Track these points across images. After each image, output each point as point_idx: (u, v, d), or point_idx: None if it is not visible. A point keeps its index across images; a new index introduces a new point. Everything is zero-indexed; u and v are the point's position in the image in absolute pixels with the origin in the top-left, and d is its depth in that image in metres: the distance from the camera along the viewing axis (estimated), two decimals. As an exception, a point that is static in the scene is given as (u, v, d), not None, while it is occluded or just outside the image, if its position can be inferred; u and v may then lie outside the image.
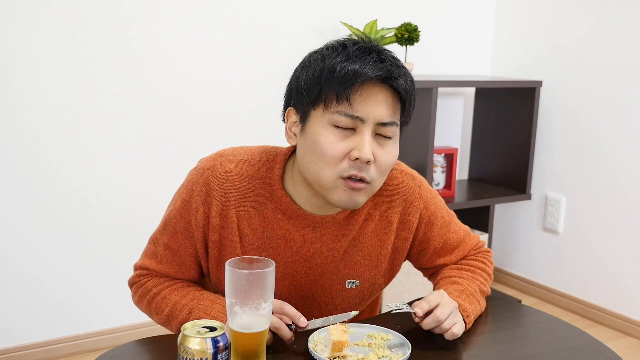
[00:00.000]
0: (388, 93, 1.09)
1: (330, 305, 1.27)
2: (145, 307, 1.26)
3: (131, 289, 1.30)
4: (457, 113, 3.33)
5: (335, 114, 1.08)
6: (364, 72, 1.05)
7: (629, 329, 2.83)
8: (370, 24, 2.65)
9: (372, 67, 1.06)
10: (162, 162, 2.52)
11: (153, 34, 2.42)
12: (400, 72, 1.09)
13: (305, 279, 1.23)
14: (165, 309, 1.20)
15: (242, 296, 0.96)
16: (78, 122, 2.35)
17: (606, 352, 1.22)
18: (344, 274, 1.25)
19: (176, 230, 1.22)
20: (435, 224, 1.30)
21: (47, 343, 2.43)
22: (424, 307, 1.16)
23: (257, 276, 0.96)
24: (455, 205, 2.83)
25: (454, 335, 1.16)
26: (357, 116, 1.07)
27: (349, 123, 1.08)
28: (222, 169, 1.19)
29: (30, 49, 2.22)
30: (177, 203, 1.23)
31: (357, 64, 1.06)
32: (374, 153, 1.09)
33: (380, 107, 1.09)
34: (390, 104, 1.10)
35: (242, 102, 2.63)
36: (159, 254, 1.25)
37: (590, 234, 2.97)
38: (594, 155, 2.92)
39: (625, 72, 2.77)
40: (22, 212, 2.32)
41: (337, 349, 1.08)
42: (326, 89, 1.07)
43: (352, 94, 1.06)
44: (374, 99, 1.08)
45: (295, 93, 1.15)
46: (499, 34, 3.33)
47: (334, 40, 1.15)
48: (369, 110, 1.08)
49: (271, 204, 1.19)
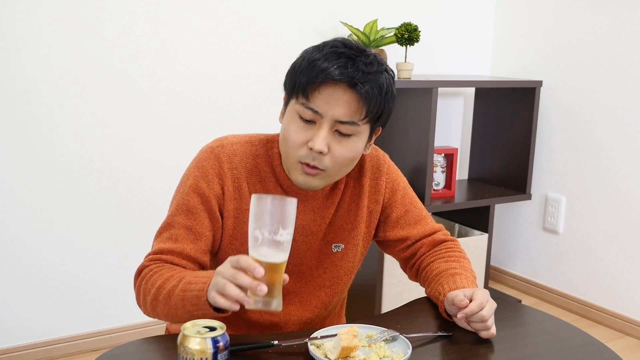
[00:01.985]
0: (352, 95, 1.18)
1: (320, 269, 1.36)
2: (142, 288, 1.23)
3: (137, 278, 1.26)
4: (457, 113, 3.34)
5: (300, 106, 1.20)
6: (326, 74, 1.17)
7: (629, 329, 2.83)
8: (370, 24, 2.65)
9: (336, 70, 1.17)
10: (165, 169, 2.52)
11: (157, 30, 2.43)
12: (365, 79, 1.17)
13: (302, 246, 1.33)
14: (157, 282, 1.18)
15: (262, 220, 1.01)
16: (82, 120, 2.36)
17: (606, 352, 1.22)
18: (329, 238, 1.36)
19: (190, 208, 1.26)
20: (397, 191, 1.41)
21: (47, 343, 2.43)
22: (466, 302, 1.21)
23: (278, 202, 1.02)
24: (455, 205, 2.83)
25: (492, 335, 1.22)
26: (317, 111, 1.19)
27: (311, 116, 1.20)
28: (230, 147, 1.30)
29: (36, 39, 2.23)
30: (189, 181, 1.28)
31: (325, 64, 1.17)
32: (330, 146, 1.20)
33: (339, 106, 1.18)
34: (352, 105, 1.19)
35: (242, 94, 2.64)
36: (174, 234, 1.26)
37: (590, 234, 2.97)
38: (594, 155, 2.92)
39: (625, 72, 2.77)
40: (22, 212, 2.32)
41: (346, 353, 1.08)
42: (297, 82, 1.20)
43: (313, 91, 1.18)
44: (334, 99, 1.18)
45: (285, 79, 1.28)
46: (499, 34, 3.33)
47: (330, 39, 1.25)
48: (327, 108, 1.18)
49: (272, 179, 1.31)
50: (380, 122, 1.26)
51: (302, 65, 1.20)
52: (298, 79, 1.20)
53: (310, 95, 1.18)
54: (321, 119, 1.19)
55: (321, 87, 1.18)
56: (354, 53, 1.19)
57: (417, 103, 2.66)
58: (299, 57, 1.24)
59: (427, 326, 1.27)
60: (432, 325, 1.28)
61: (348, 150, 1.22)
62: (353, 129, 1.21)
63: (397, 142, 2.77)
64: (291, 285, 1.34)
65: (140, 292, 1.23)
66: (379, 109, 1.21)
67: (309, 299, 1.36)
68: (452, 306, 1.25)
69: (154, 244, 1.29)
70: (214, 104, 2.60)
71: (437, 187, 2.90)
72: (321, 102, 1.18)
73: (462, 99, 3.34)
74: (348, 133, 1.21)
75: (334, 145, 1.20)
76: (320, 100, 1.18)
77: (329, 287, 1.38)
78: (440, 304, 1.30)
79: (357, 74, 1.17)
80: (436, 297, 1.32)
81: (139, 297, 1.25)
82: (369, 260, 2.65)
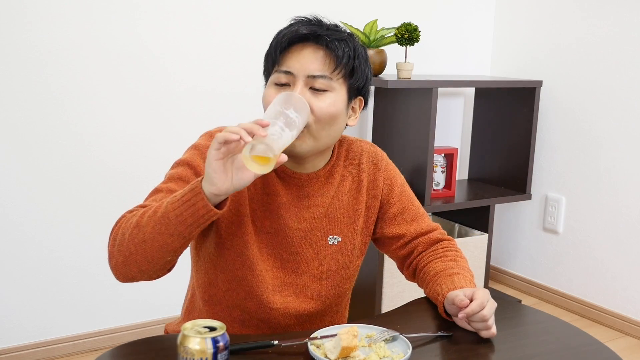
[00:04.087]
0: (321, 51, 1.24)
1: (315, 260, 1.36)
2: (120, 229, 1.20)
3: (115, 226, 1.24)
4: (457, 113, 3.34)
5: (274, 74, 1.26)
6: (293, 32, 1.24)
7: (629, 329, 2.83)
8: (370, 24, 2.65)
9: (302, 28, 1.24)
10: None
11: (163, 27, 2.43)
12: (331, 35, 1.24)
13: (296, 234, 1.33)
14: (136, 217, 1.17)
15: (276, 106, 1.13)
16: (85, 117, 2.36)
17: (606, 352, 1.22)
18: (326, 230, 1.36)
19: (182, 177, 1.25)
20: (395, 187, 1.42)
21: (47, 343, 2.43)
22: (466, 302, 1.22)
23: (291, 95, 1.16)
24: (455, 205, 2.83)
25: (493, 335, 1.22)
26: (288, 71, 1.23)
27: (285, 79, 1.24)
28: None
29: (42, 37, 2.23)
30: (184, 156, 1.28)
31: (292, 28, 1.26)
32: (308, 101, 1.22)
33: (309, 61, 1.23)
34: (321, 60, 1.23)
35: (242, 95, 2.65)
36: (159, 198, 1.23)
37: (590, 234, 2.97)
38: (594, 155, 2.92)
39: (625, 72, 2.77)
40: (22, 212, 2.32)
41: (346, 353, 1.08)
42: (268, 53, 1.27)
43: (284, 52, 1.24)
44: (303, 56, 1.23)
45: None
46: (499, 34, 3.33)
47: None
48: (299, 66, 1.23)
49: None
50: (355, 81, 1.28)
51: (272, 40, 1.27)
52: (269, 51, 1.26)
53: (281, 59, 1.24)
54: (294, 78, 1.23)
55: (290, 48, 1.24)
56: (321, 21, 1.28)
57: (417, 103, 2.66)
58: None
59: (427, 326, 1.27)
60: (432, 325, 1.28)
61: (327, 104, 1.24)
62: (327, 84, 1.24)
63: (397, 142, 2.77)
64: (287, 276, 1.34)
65: (118, 233, 1.20)
66: (348, 63, 1.25)
67: (304, 290, 1.36)
68: (452, 306, 1.25)
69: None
70: (217, 104, 2.60)
71: (437, 187, 2.90)
72: (292, 61, 1.23)
73: (462, 99, 3.34)
74: (323, 88, 1.23)
75: (312, 100, 1.23)
76: (291, 60, 1.23)
77: (325, 280, 1.37)
78: (439, 304, 1.30)
79: (322, 31, 1.24)
80: (435, 297, 1.32)
81: (114, 241, 1.21)
82: (369, 260, 2.65)
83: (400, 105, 2.76)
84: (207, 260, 1.36)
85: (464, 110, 3.35)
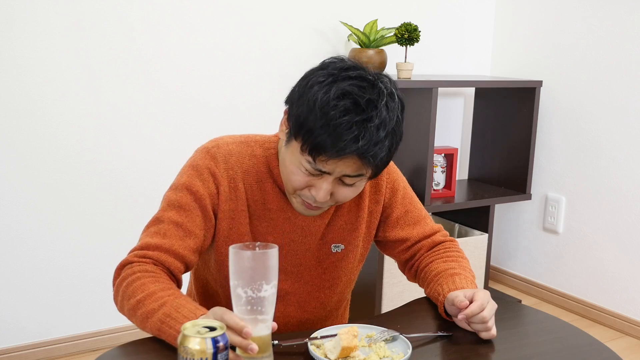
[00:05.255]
0: (357, 159, 1.13)
1: (319, 269, 1.35)
2: (122, 289, 1.19)
3: (119, 273, 1.22)
4: (457, 113, 3.33)
5: (305, 160, 1.15)
6: (337, 151, 1.10)
7: (629, 329, 2.83)
8: (370, 24, 2.65)
9: (347, 146, 1.10)
10: (166, 169, 2.52)
11: (157, 33, 2.43)
12: (373, 149, 1.12)
13: (300, 247, 1.32)
14: (138, 295, 1.15)
15: (244, 278, 0.98)
16: (83, 120, 2.36)
17: (606, 352, 1.22)
18: (329, 238, 1.34)
19: (182, 205, 1.24)
20: (398, 191, 1.40)
21: (47, 343, 2.43)
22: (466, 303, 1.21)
23: (259, 256, 0.99)
24: (455, 205, 2.83)
25: (493, 336, 1.21)
26: (324, 170, 1.15)
27: (315, 172, 1.16)
28: (225, 147, 1.28)
29: (35, 38, 2.23)
30: (183, 179, 1.26)
31: (333, 137, 1.10)
32: (334, 191, 1.18)
33: (348, 167, 1.15)
34: (357, 166, 1.15)
35: (242, 95, 2.64)
36: (162, 229, 1.23)
37: (590, 234, 2.97)
38: (594, 155, 2.92)
39: (625, 72, 2.77)
40: (22, 212, 2.32)
41: (346, 353, 1.08)
42: (304, 139, 1.13)
43: (319, 160, 1.13)
44: (342, 163, 1.14)
45: (290, 106, 1.19)
46: (499, 34, 3.33)
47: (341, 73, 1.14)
48: (336, 168, 1.14)
49: (270, 179, 1.29)
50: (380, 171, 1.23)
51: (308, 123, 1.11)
52: (305, 139, 1.12)
53: (319, 162, 1.13)
54: (328, 176, 1.16)
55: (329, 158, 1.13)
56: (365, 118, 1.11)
57: (417, 103, 2.66)
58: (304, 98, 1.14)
59: (427, 326, 1.27)
60: (432, 325, 1.28)
61: (352, 192, 1.21)
62: (358, 180, 1.19)
63: (397, 142, 2.77)
64: (289, 286, 1.33)
65: (119, 293, 1.20)
66: (385, 164, 1.18)
67: (307, 299, 1.36)
68: (452, 306, 1.25)
69: (141, 237, 1.26)
70: (214, 105, 2.60)
71: (437, 187, 2.90)
72: (329, 165, 1.14)
73: (462, 99, 3.34)
74: (353, 182, 1.19)
75: (337, 189, 1.19)
76: (329, 164, 1.14)
77: (328, 289, 1.37)
78: (439, 305, 1.30)
79: (367, 148, 1.11)
80: (435, 297, 1.32)
81: (117, 296, 1.21)
82: (369, 260, 2.65)
83: (400, 105, 2.75)
84: (206, 273, 1.36)
85: (464, 110, 3.35)
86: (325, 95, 1.11)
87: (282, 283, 1.31)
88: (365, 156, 1.12)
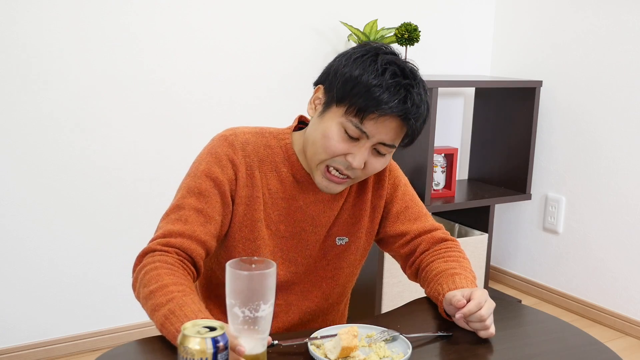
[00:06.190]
0: (399, 123, 1.23)
1: (323, 260, 1.38)
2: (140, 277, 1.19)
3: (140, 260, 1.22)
4: (457, 113, 3.34)
5: (349, 122, 1.22)
6: (387, 108, 1.19)
7: (629, 329, 2.83)
8: (370, 24, 2.65)
9: (396, 106, 1.19)
10: (166, 168, 2.52)
11: (158, 30, 2.43)
12: (417, 113, 1.23)
13: (311, 237, 1.36)
14: (152, 285, 1.15)
15: (242, 298, 0.96)
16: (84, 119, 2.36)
17: (606, 352, 1.22)
18: (334, 231, 1.38)
19: (202, 191, 1.26)
20: (399, 187, 1.43)
21: (47, 343, 2.43)
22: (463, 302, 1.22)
23: (257, 277, 0.96)
24: (455, 205, 2.83)
25: (491, 334, 1.22)
26: (365, 132, 1.22)
27: (357, 133, 1.22)
28: (242, 136, 1.33)
29: (36, 39, 2.23)
30: (202, 166, 1.28)
31: (385, 95, 1.19)
32: (366, 161, 1.25)
33: (388, 133, 1.23)
34: (397, 132, 1.24)
35: (243, 93, 2.64)
36: (184, 216, 1.24)
37: (590, 234, 2.97)
38: (594, 155, 2.92)
39: (625, 72, 2.77)
40: (22, 212, 2.32)
41: (346, 353, 1.08)
42: (352, 100, 1.20)
43: (368, 117, 1.20)
44: (384, 126, 1.22)
45: (329, 79, 1.26)
46: (499, 34, 3.33)
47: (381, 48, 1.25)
48: (377, 132, 1.22)
49: (285, 168, 1.33)
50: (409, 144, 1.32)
51: (358, 85, 1.20)
52: (354, 100, 1.20)
53: (366, 120, 1.20)
54: (367, 139, 1.23)
55: (376, 115, 1.20)
56: (410, 83, 1.22)
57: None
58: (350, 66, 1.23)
59: (427, 326, 1.27)
60: (432, 325, 1.28)
61: (381, 164, 1.28)
62: (390, 150, 1.27)
63: (397, 142, 2.77)
64: (293, 275, 1.36)
65: (138, 280, 1.20)
66: (419, 131, 1.27)
67: (310, 289, 1.39)
68: (450, 306, 1.25)
69: (161, 225, 1.26)
70: (215, 104, 2.60)
71: (437, 187, 2.90)
72: (372, 127, 1.21)
73: (462, 99, 3.34)
74: (385, 152, 1.27)
75: (370, 160, 1.26)
76: (372, 125, 1.21)
77: (330, 279, 1.40)
78: (439, 304, 1.30)
79: (412, 110, 1.21)
80: (435, 297, 1.32)
81: (135, 283, 1.21)
82: (369, 260, 2.64)
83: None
84: (214, 261, 1.37)
85: (464, 110, 3.35)
86: (372, 64, 1.21)
87: (289, 274, 1.35)
88: (409, 118, 1.21)
